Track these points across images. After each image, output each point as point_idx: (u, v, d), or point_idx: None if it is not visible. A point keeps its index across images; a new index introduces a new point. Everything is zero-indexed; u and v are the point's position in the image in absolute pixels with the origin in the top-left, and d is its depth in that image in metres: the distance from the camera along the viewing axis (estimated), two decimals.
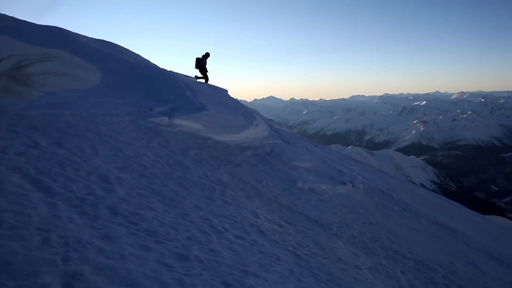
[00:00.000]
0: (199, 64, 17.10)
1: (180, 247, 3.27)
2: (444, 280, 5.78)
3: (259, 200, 6.00)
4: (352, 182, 10.63)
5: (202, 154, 7.62)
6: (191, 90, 12.67)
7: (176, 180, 5.39)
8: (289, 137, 14.13)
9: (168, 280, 2.61)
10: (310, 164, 10.65)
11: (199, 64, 17.08)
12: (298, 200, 7.03)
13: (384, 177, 18.31)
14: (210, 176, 6.27)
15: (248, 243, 3.93)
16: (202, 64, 17.05)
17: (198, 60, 17.14)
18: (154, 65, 17.02)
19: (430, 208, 13.51)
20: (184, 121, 9.47)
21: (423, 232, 9.04)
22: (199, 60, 17.10)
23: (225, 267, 3.15)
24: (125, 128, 7.37)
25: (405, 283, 4.90)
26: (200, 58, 17.12)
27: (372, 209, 8.92)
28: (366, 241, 6.13)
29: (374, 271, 4.82)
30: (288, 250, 4.22)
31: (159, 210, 4.01)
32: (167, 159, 6.31)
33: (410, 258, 6.16)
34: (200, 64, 17.07)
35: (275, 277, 3.32)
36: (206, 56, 17.16)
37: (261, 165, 8.67)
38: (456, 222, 12.90)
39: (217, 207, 4.82)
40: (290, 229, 5.11)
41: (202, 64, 17.05)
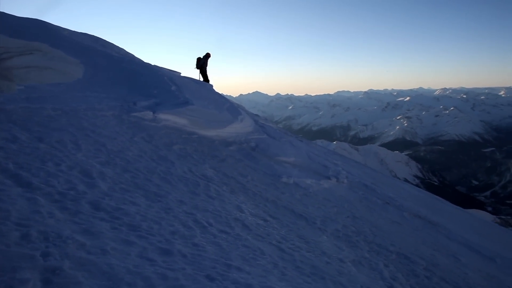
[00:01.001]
0: (199, 64, 16.81)
1: (163, 241, 3.25)
2: (425, 272, 5.89)
3: (243, 194, 6.00)
4: (337, 177, 10.72)
5: (186, 149, 7.58)
6: (176, 85, 12.56)
7: (160, 175, 5.34)
8: (274, 132, 14.16)
9: (150, 274, 2.59)
10: (295, 159, 10.69)
11: (199, 64, 16.79)
12: (282, 195, 7.06)
13: (368, 172, 18.51)
14: (194, 171, 6.24)
15: (232, 237, 3.93)
16: (203, 64, 16.75)
17: (198, 60, 16.85)
18: (138, 59, 16.79)
19: (413, 202, 13.73)
20: (168, 116, 9.39)
21: (406, 225, 9.19)
22: (200, 60, 16.81)
23: (208, 261, 3.14)
24: (108, 123, 7.27)
25: (387, 275, 4.97)
26: (201, 58, 16.83)
27: (356, 203, 9.03)
28: (350, 234, 6.19)
29: (358, 264, 4.88)
30: (272, 244, 4.23)
31: (142, 205, 3.97)
32: (151, 154, 6.25)
33: (393, 251, 6.26)
34: (199, 65, 16.77)
35: (259, 271, 3.33)
36: (207, 57, 16.90)
37: (246, 160, 8.67)
38: (438, 216, 13.14)
39: (201, 202, 4.80)
40: (274, 223, 5.13)
41: (203, 64, 16.75)
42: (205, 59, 16.81)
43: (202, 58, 16.81)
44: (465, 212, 21.90)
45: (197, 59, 16.93)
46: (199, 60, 16.83)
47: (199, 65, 16.78)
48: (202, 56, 16.88)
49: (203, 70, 16.82)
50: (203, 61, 16.76)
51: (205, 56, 16.88)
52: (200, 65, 16.74)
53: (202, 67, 16.76)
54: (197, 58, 16.97)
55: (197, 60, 16.93)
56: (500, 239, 15.58)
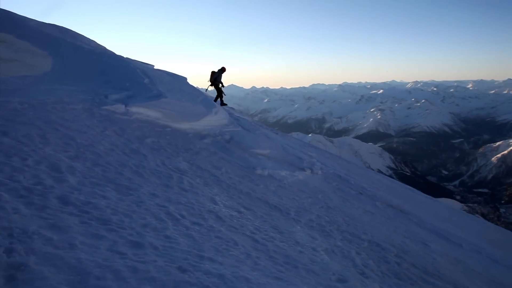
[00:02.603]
0: (213, 77, 16.25)
1: (134, 234, 3.21)
2: (396, 259, 6.04)
3: (217, 187, 5.99)
4: (311, 168, 10.83)
5: (160, 142, 7.48)
6: (149, 78, 12.34)
7: (132, 168, 5.26)
8: (249, 124, 14.15)
9: (120, 267, 2.56)
10: (269, 151, 10.73)
11: (213, 78, 16.23)
12: (257, 187, 7.08)
13: (342, 163, 18.80)
14: (167, 163, 6.17)
15: (205, 229, 3.92)
16: (216, 78, 16.19)
17: (213, 74, 16.28)
18: (110, 51, 16.39)
19: (385, 192, 14.04)
20: (141, 109, 9.24)
21: (378, 214, 9.39)
22: (214, 74, 16.25)
23: (180, 253, 3.12)
24: (78, 116, 7.08)
25: (359, 262, 5.08)
26: (215, 72, 16.28)
27: (330, 194, 9.16)
28: (324, 224, 6.29)
29: (330, 252, 4.96)
30: (245, 235, 4.25)
31: (113, 198, 3.90)
32: (122, 147, 6.14)
33: (365, 239, 6.39)
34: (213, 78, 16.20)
35: (232, 261, 3.34)
36: (222, 71, 16.38)
37: (221, 152, 8.65)
38: (409, 205, 13.50)
39: (174, 195, 4.76)
40: (248, 214, 5.15)
41: (216, 78, 16.19)
42: (220, 73, 16.30)
43: (217, 72, 16.28)
44: (435, 201, 22.61)
45: (211, 73, 16.37)
46: (213, 74, 16.28)
47: (213, 79, 16.24)
48: (217, 70, 16.35)
49: (216, 84, 16.30)
50: (218, 74, 16.22)
51: (220, 70, 16.39)
52: (214, 78, 16.21)
53: (216, 80, 16.24)
54: (211, 72, 16.40)
55: (211, 74, 16.36)
56: (467, 225, 16.18)
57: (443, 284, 5.83)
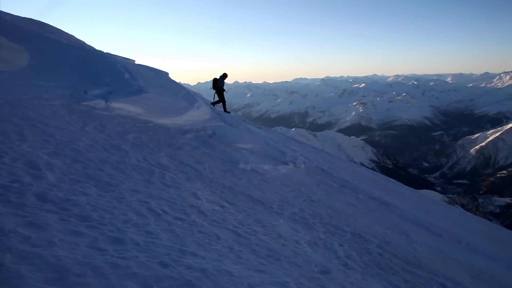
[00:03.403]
0: (216, 84, 16.29)
1: (115, 231, 3.18)
2: (378, 250, 6.14)
3: (200, 181, 5.97)
4: (294, 162, 10.88)
5: (141, 137, 7.40)
6: (130, 73, 12.17)
7: (113, 165, 5.19)
8: (231, 119, 14.13)
9: (100, 264, 2.53)
10: (252, 145, 10.74)
11: (217, 85, 16.27)
12: (240, 181, 7.08)
13: (325, 156, 18.96)
14: (149, 159, 6.11)
15: (187, 224, 3.91)
16: (220, 84, 16.24)
17: (215, 81, 16.33)
18: (89, 46, 16.07)
19: (368, 185, 14.23)
20: (122, 104, 9.11)
21: (361, 207, 9.51)
22: (217, 80, 16.30)
23: (162, 248, 3.10)
24: (57, 112, 6.94)
25: (342, 254, 5.14)
26: (217, 79, 16.31)
27: (313, 187, 9.23)
28: (307, 217, 6.34)
29: (313, 244, 5.01)
30: (228, 229, 4.25)
31: (93, 195, 3.85)
32: (103, 144, 6.05)
33: (348, 231, 6.47)
34: (218, 85, 16.25)
35: (214, 255, 3.34)
36: (224, 77, 16.39)
37: (203, 147, 8.61)
38: (391, 197, 13.72)
39: (156, 190, 4.72)
40: (231, 208, 5.15)
41: (220, 84, 16.24)
42: (222, 79, 16.33)
43: (219, 78, 16.32)
44: (416, 193, 23.04)
45: (213, 80, 16.45)
46: (216, 81, 16.34)
47: (216, 86, 16.30)
48: (219, 77, 16.40)
49: (219, 91, 16.35)
50: (220, 81, 16.27)
51: (222, 77, 16.41)
52: (218, 84, 16.26)
53: (219, 87, 16.29)
54: (213, 79, 16.48)
55: (213, 80, 16.44)
56: (447, 216, 16.56)
57: (424, 273, 5.95)
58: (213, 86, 16.37)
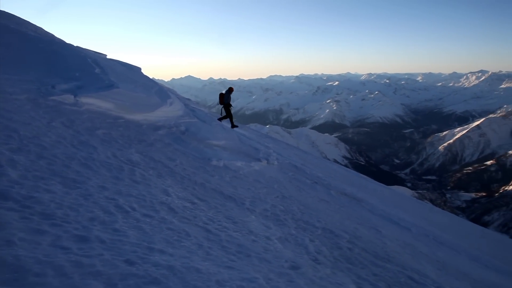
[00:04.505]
0: (223, 100, 16.01)
1: (80, 228, 3.09)
2: (348, 244, 6.23)
3: (171, 178, 5.89)
4: (267, 159, 10.92)
5: (111, 133, 7.23)
6: (100, 67, 11.88)
7: (80, 161, 5.05)
8: (205, 116, 14.03)
9: (63, 263, 2.45)
10: (225, 142, 10.71)
11: (223, 100, 16.00)
12: (212, 177, 7.04)
13: (298, 153, 19.12)
14: (119, 155, 5.98)
15: (156, 221, 3.85)
16: (226, 100, 15.97)
17: (222, 96, 16.05)
18: (59, 39, 15.58)
19: (340, 181, 14.45)
20: (91, 100, 8.88)
21: (333, 203, 9.64)
22: (223, 96, 16.02)
23: (129, 246, 3.04)
24: (22, 107, 6.69)
25: (312, 249, 5.19)
26: (224, 94, 16.04)
27: (285, 184, 9.28)
28: (278, 213, 6.36)
29: (284, 240, 5.03)
30: (198, 226, 4.22)
31: (58, 192, 3.73)
32: (70, 139, 5.88)
33: (319, 227, 6.54)
34: (224, 100, 15.98)
35: (183, 252, 3.30)
36: (230, 92, 16.17)
37: (175, 144, 8.51)
38: (363, 193, 13.97)
39: (125, 187, 4.63)
40: (202, 205, 5.11)
41: (226, 100, 15.97)
42: (228, 94, 16.11)
43: (225, 93, 16.09)
44: (387, 188, 23.57)
45: (220, 95, 16.20)
46: (222, 96, 16.09)
47: (223, 101, 16.04)
48: (225, 92, 16.18)
49: (226, 106, 16.09)
50: (227, 96, 16.03)
51: (228, 91, 16.20)
52: (225, 99, 16.01)
53: (226, 102, 16.04)
54: (220, 94, 16.24)
55: (220, 96, 16.19)
56: (416, 211, 17.04)
57: (392, 266, 6.08)
58: (220, 101, 16.21)
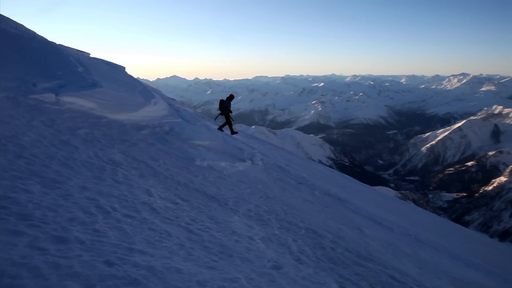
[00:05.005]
0: (222, 106, 15.97)
1: (59, 229, 3.04)
2: (331, 244, 6.27)
3: (154, 178, 5.84)
4: (252, 159, 10.92)
5: (93, 133, 7.14)
6: (83, 66, 11.72)
7: (61, 161, 4.97)
8: (189, 116, 13.96)
9: (39, 264, 2.41)
10: (210, 142, 10.66)
11: (223, 107, 15.95)
12: (195, 178, 7.00)
13: (283, 154, 19.16)
14: (101, 155, 5.91)
15: (137, 222, 3.81)
16: (226, 106, 15.92)
17: (222, 102, 16.03)
18: (40, 37, 15.28)
19: (324, 182, 14.52)
20: (73, 99, 8.76)
21: (317, 203, 9.68)
22: (224, 102, 16.00)
23: (109, 247, 3.00)
24: (1, 106, 6.57)
25: (295, 249, 5.20)
26: (224, 101, 16.03)
27: (270, 184, 9.29)
28: (262, 213, 6.36)
29: (267, 240, 5.03)
30: (180, 226, 4.19)
31: (36, 192, 3.66)
32: (51, 139, 5.78)
33: (302, 227, 6.56)
34: (223, 107, 15.93)
35: (164, 253, 3.27)
36: (230, 98, 16.16)
37: (159, 144, 8.44)
38: (347, 193, 14.07)
39: (107, 187, 4.57)
40: (185, 205, 5.07)
41: (226, 106, 15.92)
42: (228, 101, 16.09)
43: (226, 100, 16.08)
44: (371, 189, 23.80)
45: (220, 101, 16.21)
46: (222, 103, 16.07)
47: (223, 108, 15.99)
48: (225, 98, 16.18)
49: (226, 112, 16.04)
50: (227, 103, 16.00)
51: (228, 98, 16.20)
52: (224, 107, 15.96)
53: (226, 109, 15.99)
54: (220, 100, 16.26)
55: (220, 102, 16.20)
56: (399, 211, 17.24)
57: (374, 265, 6.14)
58: (220, 107, 16.23)
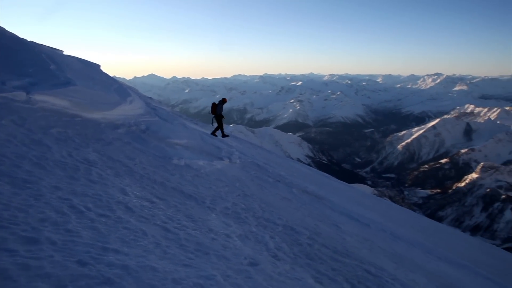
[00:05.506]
0: (215, 110, 16.03)
1: (29, 230, 2.96)
2: (308, 241, 6.34)
3: (129, 177, 5.76)
4: (230, 158, 10.91)
5: (67, 132, 6.97)
6: (56, 63, 11.42)
7: (32, 160, 4.84)
8: (166, 114, 13.82)
9: (7, 266, 2.34)
10: (187, 141, 10.59)
11: (216, 110, 16.03)
12: (172, 176, 6.95)
13: (261, 152, 19.22)
14: (75, 155, 5.78)
15: (112, 221, 3.75)
16: (219, 110, 16.00)
17: (214, 106, 16.06)
18: (10, 33, 14.80)
19: (302, 180, 14.63)
20: (46, 97, 8.52)
21: (294, 200, 9.76)
22: (216, 106, 16.03)
23: (82, 246, 2.95)
24: None
25: (272, 246, 5.24)
26: (217, 104, 16.05)
27: (247, 182, 9.30)
28: (239, 211, 6.37)
29: (244, 238, 5.05)
30: (156, 225, 4.15)
31: (5, 193, 3.55)
32: (22, 138, 5.62)
33: (280, 224, 6.60)
34: (216, 110, 16.01)
35: (139, 251, 3.24)
36: (223, 102, 16.17)
37: (135, 142, 8.32)
38: (324, 191, 14.22)
39: (80, 187, 4.48)
40: (161, 204, 5.03)
41: (219, 110, 16.00)
42: (221, 105, 16.13)
43: (218, 104, 16.12)
44: (348, 186, 24.14)
45: (212, 105, 16.26)
46: (214, 106, 16.14)
47: (215, 111, 16.11)
48: (218, 102, 16.21)
49: (218, 116, 16.16)
50: (220, 107, 16.06)
51: (221, 102, 16.22)
52: (217, 110, 16.08)
53: (218, 112, 16.12)
54: (212, 104, 16.30)
55: (212, 106, 16.25)
56: (375, 207, 17.53)
57: (350, 261, 6.24)
58: (212, 111, 16.39)
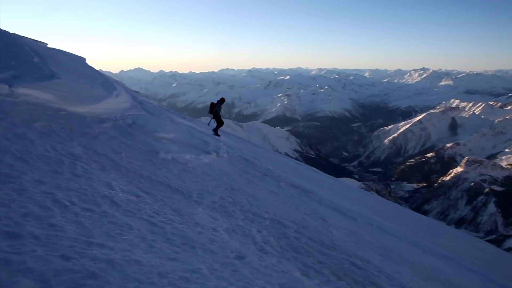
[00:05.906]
0: (213, 109, 16.12)
1: (11, 225, 2.91)
2: (295, 234, 6.37)
3: (115, 171, 5.70)
4: (217, 152, 10.89)
5: (51, 126, 6.86)
6: (39, 56, 11.21)
7: (15, 155, 4.76)
8: (153, 108, 13.71)
9: None
10: (174, 135, 10.52)
11: (214, 110, 16.11)
12: (159, 170, 6.90)
13: (249, 147, 19.23)
14: (59, 149, 5.70)
15: (97, 215, 3.71)
16: (216, 110, 16.09)
17: (213, 106, 16.14)
18: None
19: (290, 174, 14.69)
20: (29, 90, 8.37)
21: (282, 194, 9.79)
22: (214, 105, 16.13)
23: (66, 241, 2.92)
24: None
25: (259, 240, 5.25)
26: (215, 104, 16.15)
27: (235, 176, 9.30)
28: (226, 205, 6.37)
29: (231, 231, 5.05)
30: (142, 219, 4.12)
31: None
32: (4, 132, 5.51)
33: (267, 217, 6.62)
34: (215, 110, 16.09)
35: (124, 246, 3.21)
36: (221, 102, 16.24)
37: (122, 137, 8.24)
38: (312, 185, 14.30)
39: (64, 181, 4.42)
40: (147, 198, 5.00)
41: (216, 110, 16.09)
42: (219, 104, 16.22)
43: (216, 103, 16.23)
44: (336, 180, 24.34)
45: (210, 104, 16.37)
46: (213, 106, 16.24)
47: (214, 111, 16.21)
48: (216, 102, 16.31)
49: (216, 115, 16.26)
50: (218, 106, 16.16)
51: (219, 102, 16.30)
52: (215, 110, 16.18)
53: (216, 111, 16.23)
54: (210, 103, 16.41)
55: (210, 105, 16.36)
56: (362, 201, 17.71)
57: (337, 254, 6.30)
58: (210, 110, 16.52)
